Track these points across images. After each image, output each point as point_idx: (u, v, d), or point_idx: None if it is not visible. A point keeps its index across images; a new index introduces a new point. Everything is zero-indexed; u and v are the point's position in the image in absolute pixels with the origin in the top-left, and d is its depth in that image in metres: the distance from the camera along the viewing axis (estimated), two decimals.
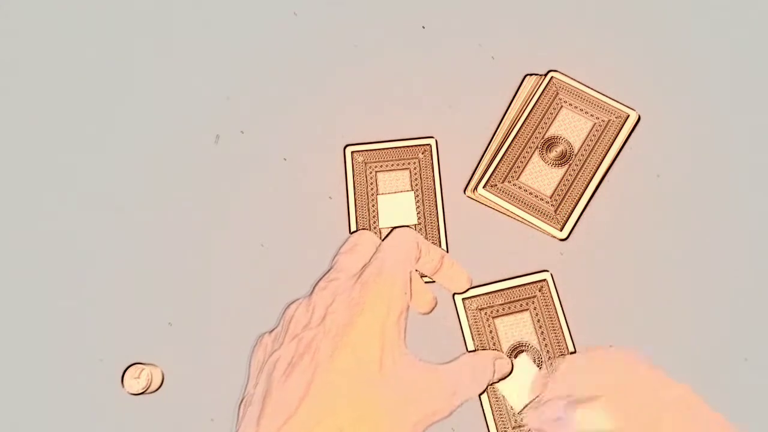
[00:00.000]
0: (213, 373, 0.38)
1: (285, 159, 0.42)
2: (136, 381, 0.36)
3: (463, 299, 0.38)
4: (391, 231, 0.37)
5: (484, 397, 0.36)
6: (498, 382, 0.36)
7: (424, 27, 0.45)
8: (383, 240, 0.37)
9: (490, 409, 0.36)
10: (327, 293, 0.35)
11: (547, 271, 0.38)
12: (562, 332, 0.37)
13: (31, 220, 0.41)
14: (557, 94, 0.42)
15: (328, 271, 0.37)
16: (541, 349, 0.37)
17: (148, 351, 0.38)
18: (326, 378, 0.31)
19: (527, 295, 0.38)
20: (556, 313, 0.38)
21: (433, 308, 0.38)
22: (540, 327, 0.37)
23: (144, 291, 0.40)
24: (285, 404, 0.31)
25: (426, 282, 0.39)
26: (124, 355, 0.38)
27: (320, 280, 0.36)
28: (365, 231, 0.39)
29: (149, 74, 0.44)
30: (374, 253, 0.36)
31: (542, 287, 0.38)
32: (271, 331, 0.36)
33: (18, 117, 0.44)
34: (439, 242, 0.39)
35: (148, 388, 0.36)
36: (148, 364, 0.37)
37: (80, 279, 0.40)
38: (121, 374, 0.36)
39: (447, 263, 0.38)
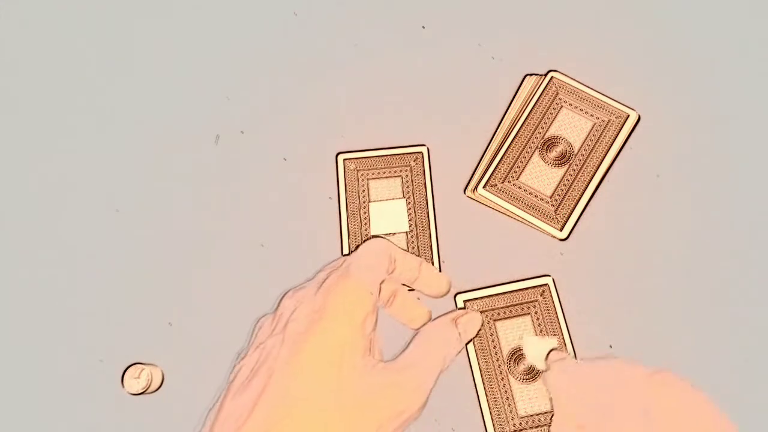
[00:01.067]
0: (213, 373, 0.37)
1: (285, 159, 0.42)
2: (136, 381, 0.36)
3: (465, 301, 0.38)
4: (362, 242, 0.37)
5: (483, 399, 0.36)
6: (472, 340, 0.36)
7: (424, 27, 0.45)
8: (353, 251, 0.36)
9: (489, 411, 0.36)
10: (292, 302, 0.34)
11: (548, 275, 0.38)
12: (563, 337, 0.37)
13: (31, 220, 0.41)
14: (557, 94, 0.42)
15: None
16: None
17: (148, 351, 0.38)
18: (280, 384, 0.30)
19: (529, 299, 0.38)
20: (557, 317, 0.38)
21: (427, 323, 0.38)
22: (541, 331, 0.37)
23: (144, 291, 0.40)
24: (235, 415, 0.30)
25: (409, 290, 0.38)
26: (124, 355, 0.38)
27: (287, 291, 0.36)
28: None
29: (149, 74, 0.44)
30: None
31: (544, 291, 0.38)
32: None
33: (18, 117, 0.44)
34: (431, 250, 0.39)
35: (148, 388, 0.36)
36: (148, 364, 0.37)
37: (80, 279, 0.40)
38: (121, 374, 0.36)
39: (425, 270, 0.37)
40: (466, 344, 0.37)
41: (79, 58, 0.45)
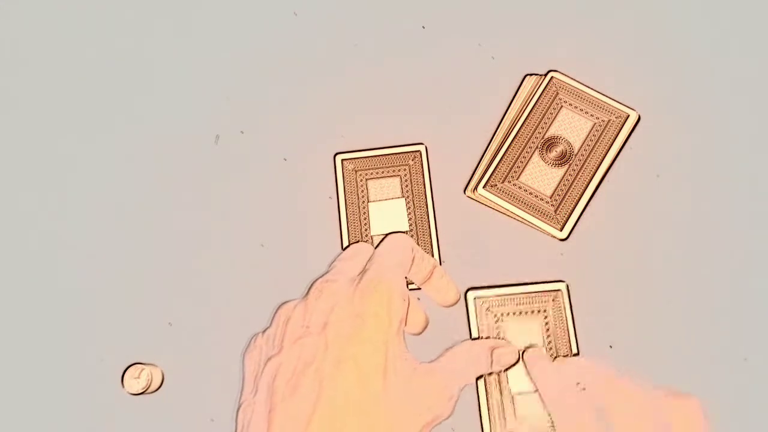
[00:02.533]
0: (213, 373, 0.38)
1: (285, 159, 0.42)
2: (136, 381, 0.36)
3: (475, 298, 0.38)
4: (386, 236, 0.37)
5: (483, 400, 0.36)
6: (504, 371, 0.36)
7: (424, 27, 0.45)
8: (377, 245, 0.37)
9: (487, 412, 0.36)
10: (325, 297, 0.34)
11: (563, 281, 0.38)
12: (570, 344, 0.37)
13: (31, 220, 0.41)
14: (557, 94, 0.42)
15: (325, 274, 0.37)
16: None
17: (148, 351, 0.38)
18: (333, 393, 0.31)
19: (540, 303, 0.38)
20: (567, 324, 0.37)
21: (424, 329, 0.38)
22: (548, 336, 0.37)
23: (144, 291, 0.40)
24: (292, 423, 0.31)
25: (412, 288, 0.38)
26: (124, 355, 0.38)
27: (316, 281, 0.36)
28: (363, 243, 0.39)
29: (149, 74, 0.44)
30: (370, 259, 0.36)
31: (556, 297, 0.38)
32: (264, 331, 0.36)
33: (18, 117, 0.44)
34: (431, 249, 0.39)
35: (148, 388, 0.36)
36: (148, 364, 0.37)
37: (80, 279, 0.40)
38: (121, 374, 0.36)
39: (437, 274, 0.38)
40: (492, 374, 0.36)
41: (80, 58, 0.45)
